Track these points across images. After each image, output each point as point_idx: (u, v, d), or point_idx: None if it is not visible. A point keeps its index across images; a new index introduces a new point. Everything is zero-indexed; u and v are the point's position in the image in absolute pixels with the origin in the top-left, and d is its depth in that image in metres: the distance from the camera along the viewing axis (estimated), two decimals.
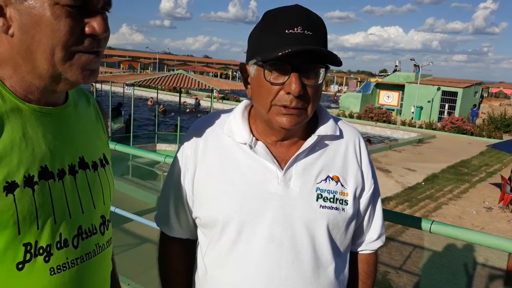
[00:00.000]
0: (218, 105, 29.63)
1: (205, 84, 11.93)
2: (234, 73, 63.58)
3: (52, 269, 0.83)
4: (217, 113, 1.25)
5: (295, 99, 1.03)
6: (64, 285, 0.86)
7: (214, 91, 13.43)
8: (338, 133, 1.18)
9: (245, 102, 1.23)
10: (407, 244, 6.93)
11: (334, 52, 1.02)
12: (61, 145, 0.89)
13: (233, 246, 1.10)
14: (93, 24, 0.81)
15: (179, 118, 13.96)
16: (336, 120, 1.23)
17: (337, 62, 1.04)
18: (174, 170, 1.23)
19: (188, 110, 30.07)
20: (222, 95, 33.38)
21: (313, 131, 1.16)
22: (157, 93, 16.09)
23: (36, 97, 0.85)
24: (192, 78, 12.35)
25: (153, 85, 12.10)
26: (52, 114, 0.89)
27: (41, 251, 0.82)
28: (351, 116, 28.77)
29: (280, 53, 0.96)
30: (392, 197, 10.14)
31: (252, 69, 1.09)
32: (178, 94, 16.64)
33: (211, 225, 1.14)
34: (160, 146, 15.26)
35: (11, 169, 0.77)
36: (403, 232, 7.28)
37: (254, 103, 1.15)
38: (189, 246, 1.28)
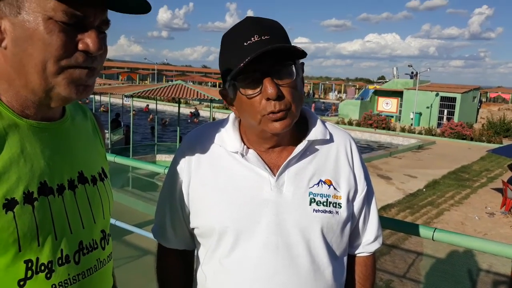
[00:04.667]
0: (218, 115, 29.68)
1: (204, 94, 11.95)
2: None
3: (54, 286, 0.83)
4: (209, 125, 1.28)
5: (277, 102, 1.03)
6: None
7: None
8: (328, 137, 1.19)
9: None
10: (410, 251, 6.90)
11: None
12: (60, 160, 0.89)
13: (230, 253, 1.12)
14: (87, 41, 0.80)
15: (178, 128, 13.96)
16: (326, 124, 1.24)
17: (300, 53, 1.04)
18: (169, 182, 1.25)
19: (196, 120, 30.41)
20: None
21: (303, 136, 1.17)
22: (156, 103, 16.12)
23: (32, 112, 0.85)
24: (191, 88, 12.36)
25: (152, 96, 12.12)
26: (50, 129, 0.88)
27: (42, 267, 0.81)
28: (350, 123, 28.81)
29: (242, 64, 0.97)
30: (394, 204, 10.12)
31: (230, 91, 1.11)
32: (177, 105, 16.65)
33: (208, 235, 1.15)
34: (160, 157, 15.24)
35: (10, 186, 0.77)
36: (406, 240, 7.25)
37: (244, 121, 1.16)
38: (187, 257, 1.30)
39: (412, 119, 30.34)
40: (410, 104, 30.98)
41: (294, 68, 1.05)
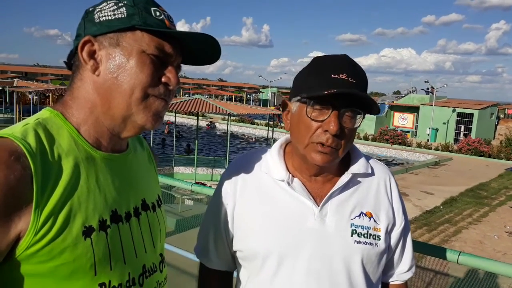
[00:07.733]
0: (234, 128, 29.83)
1: (223, 109, 12.13)
2: (248, 96, 64.07)
3: None
4: (255, 152, 1.33)
5: (331, 138, 1.09)
6: None
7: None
8: (370, 171, 1.25)
9: (280, 140, 1.31)
10: (428, 270, 6.85)
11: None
12: (127, 189, 0.97)
13: (273, 279, 1.16)
14: (169, 75, 0.92)
15: (196, 142, 14.13)
16: (368, 158, 1.29)
17: (376, 110, 1.11)
18: (214, 205, 1.30)
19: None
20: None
21: (346, 168, 1.22)
22: (175, 117, 16.40)
23: (106, 142, 0.94)
24: (210, 103, 12.57)
25: (172, 110, 12.34)
26: (118, 160, 0.97)
27: None
28: (366, 138, 28.65)
29: (326, 92, 1.04)
30: (410, 221, 10.02)
31: (294, 106, 1.17)
32: (194, 117, 16.86)
33: (251, 258, 1.20)
34: (178, 169, 15.39)
35: (88, 215, 0.85)
36: (423, 258, 7.19)
37: (291, 137, 1.22)
38: (227, 278, 1.35)
39: (428, 134, 30.10)
40: (426, 119, 30.76)
41: (360, 118, 1.13)
